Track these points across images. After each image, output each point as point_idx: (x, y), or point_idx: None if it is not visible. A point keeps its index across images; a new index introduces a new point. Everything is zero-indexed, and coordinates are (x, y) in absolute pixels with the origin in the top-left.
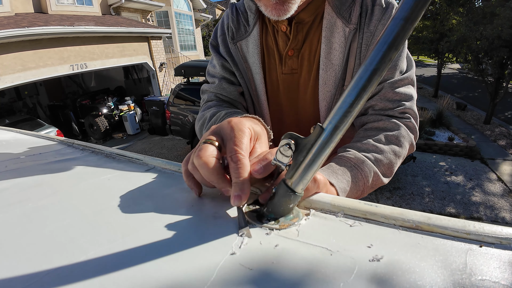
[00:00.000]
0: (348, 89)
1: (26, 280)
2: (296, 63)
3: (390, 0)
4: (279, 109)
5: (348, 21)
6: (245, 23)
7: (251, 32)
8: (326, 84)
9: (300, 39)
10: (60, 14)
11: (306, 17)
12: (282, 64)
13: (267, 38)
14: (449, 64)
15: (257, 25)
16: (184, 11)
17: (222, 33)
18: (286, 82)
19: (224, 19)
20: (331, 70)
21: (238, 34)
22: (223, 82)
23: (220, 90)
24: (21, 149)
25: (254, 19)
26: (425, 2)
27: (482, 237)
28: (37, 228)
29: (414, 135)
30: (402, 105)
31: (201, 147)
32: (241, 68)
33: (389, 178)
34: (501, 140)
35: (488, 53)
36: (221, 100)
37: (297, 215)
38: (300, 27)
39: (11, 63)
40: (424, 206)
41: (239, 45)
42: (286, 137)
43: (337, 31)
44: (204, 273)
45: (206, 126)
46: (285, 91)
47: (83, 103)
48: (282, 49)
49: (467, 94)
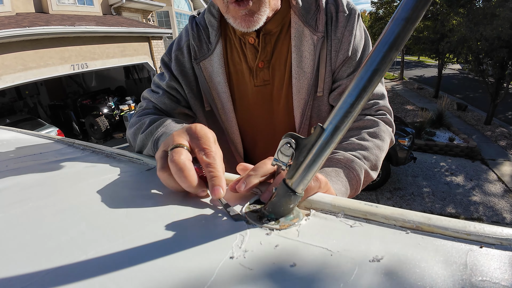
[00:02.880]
0: (348, 90)
1: (26, 279)
2: (268, 74)
3: (351, 7)
4: (251, 123)
5: (315, 29)
6: (207, 40)
7: (214, 50)
8: (299, 92)
9: (269, 50)
10: (61, 14)
11: (273, 27)
12: (253, 77)
13: (233, 53)
14: (450, 65)
15: (220, 42)
16: (185, 11)
17: (177, 49)
18: (259, 94)
19: (183, 35)
20: (304, 78)
21: (200, 53)
22: (165, 96)
23: (160, 103)
24: (22, 149)
25: (216, 36)
26: (426, 3)
27: (482, 237)
28: (37, 227)
29: (392, 129)
30: (376, 103)
31: (173, 151)
32: (204, 88)
33: (377, 172)
34: (502, 140)
35: (488, 54)
36: (160, 111)
37: (297, 215)
38: (268, 38)
39: (12, 63)
40: (424, 207)
41: (202, 65)
42: (287, 136)
43: (306, 40)
44: (204, 273)
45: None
46: (258, 103)
47: (84, 103)
48: (251, 61)
49: (468, 94)
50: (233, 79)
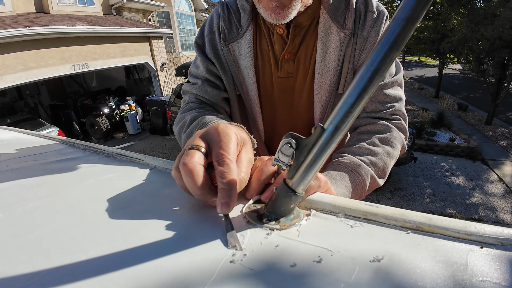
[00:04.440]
0: (349, 90)
1: (27, 279)
2: (292, 67)
3: (381, 8)
4: (273, 113)
5: (343, 26)
6: (237, 23)
7: (243, 34)
8: (321, 88)
9: (297, 43)
10: (61, 14)
11: (304, 21)
12: (278, 68)
13: (261, 41)
14: (450, 65)
15: (250, 27)
16: (185, 11)
17: (210, 32)
18: (281, 86)
19: (213, 18)
20: (327, 74)
21: (230, 35)
22: (206, 84)
23: (202, 93)
24: (23, 149)
25: (248, 20)
26: (427, 3)
27: (483, 238)
28: (38, 227)
29: (405, 136)
30: (392, 106)
31: (187, 153)
32: (232, 71)
33: (383, 180)
34: (503, 141)
35: (489, 54)
36: (203, 102)
37: (298, 215)
38: (298, 31)
39: (13, 63)
40: (425, 207)
41: (231, 47)
42: (287, 136)
43: (332, 36)
44: (205, 273)
45: (186, 130)
46: (280, 95)
47: (85, 102)
48: (278, 52)
49: (468, 94)
50: (259, 66)
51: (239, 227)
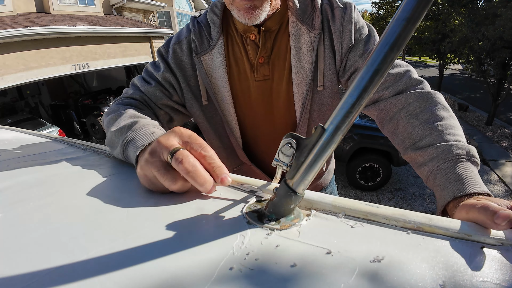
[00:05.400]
0: (349, 90)
1: (26, 279)
2: (268, 69)
3: (345, 1)
4: (252, 117)
5: (312, 27)
6: (208, 36)
7: (215, 45)
8: (299, 87)
9: (268, 46)
10: (62, 14)
11: (273, 25)
12: (254, 72)
13: (234, 48)
14: (451, 65)
15: (221, 38)
16: (186, 11)
17: (176, 42)
18: (259, 89)
19: (183, 31)
20: (303, 73)
21: (201, 48)
22: (158, 88)
23: (151, 95)
24: (23, 148)
25: (218, 33)
26: (427, 3)
27: (483, 238)
28: (38, 227)
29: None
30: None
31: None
32: (206, 83)
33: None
34: (503, 141)
35: (490, 54)
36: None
37: (298, 215)
38: (268, 35)
39: (13, 63)
40: (425, 207)
41: (203, 60)
42: (288, 136)
43: (303, 37)
44: (205, 273)
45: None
46: (258, 98)
47: (85, 102)
48: (252, 57)
49: (469, 95)
50: (234, 74)
51: (240, 226)
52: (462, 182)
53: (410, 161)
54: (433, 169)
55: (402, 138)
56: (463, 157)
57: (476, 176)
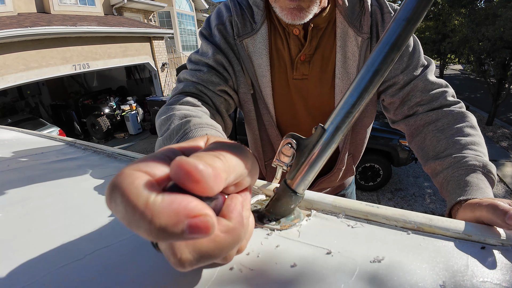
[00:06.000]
0: (349, 90)
1: (26, 279)
2: (307, 68)
3: (395, 7)
4: (292, 112)
5: (360, 30)
6: (251, 19)
7: (258, 30)
8: (342, 93)
9: (314, 45)
10: (62, 14)
11: (321, 23)
12: (293, 69)
13: (276, 39)
14: (451, 65)
15: (265, 23)
16: (186, 11)
17: (220, 23)
18: (296, 87)
19: (222, 11)
20: (347, 79)
21: (244, 30)
22: (213, 73)
23: (206, 83)
24: (23, 149)
25: (262, 16)
26: (427, 3)
27: (483, 239)
28: (39, 227)
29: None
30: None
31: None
32: (248, 68)
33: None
34: (503, 141)
35: (490, 54)
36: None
37: (298, 215)
38: (315, 33)
39: (14, 63)
40: (425, 208)
41: (245, 43)
42: (288, 137)
43: (350, 40)
44: (205, 273)
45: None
46: (295, 96)
47: (85, 102)
48: (294, 53)
49: (469, 95)
50: (275, 65)
51: None
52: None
53: (430, 172)
54: (447, 176)
55: (427, 151)
56: (478, 169)
57: (488, 189)
